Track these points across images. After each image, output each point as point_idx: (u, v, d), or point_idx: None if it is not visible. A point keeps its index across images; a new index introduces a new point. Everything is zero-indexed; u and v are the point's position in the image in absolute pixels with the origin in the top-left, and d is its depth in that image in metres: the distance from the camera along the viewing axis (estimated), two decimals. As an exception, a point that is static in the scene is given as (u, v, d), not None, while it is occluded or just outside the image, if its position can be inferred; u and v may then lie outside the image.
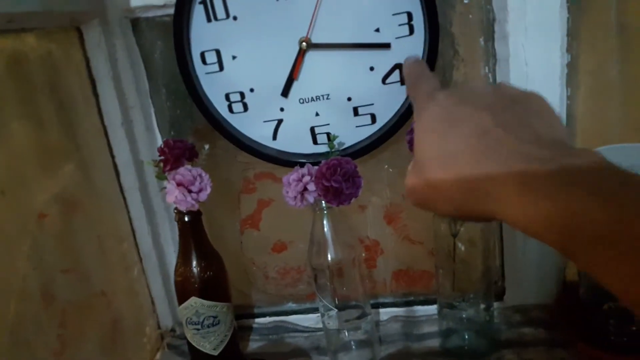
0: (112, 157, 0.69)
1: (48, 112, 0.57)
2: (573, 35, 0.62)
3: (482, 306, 0.68)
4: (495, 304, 0.74)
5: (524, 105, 0.34)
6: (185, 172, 0.62)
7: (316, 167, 0.61)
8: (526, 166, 0.28)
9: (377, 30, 0.61)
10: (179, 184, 0.61)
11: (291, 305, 0.82)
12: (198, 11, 0.63)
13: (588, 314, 0.65)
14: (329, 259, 0.65)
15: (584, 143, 0.67)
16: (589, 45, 0.63)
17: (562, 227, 0.25)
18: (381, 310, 0.78)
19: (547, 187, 0.27)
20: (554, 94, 0.63)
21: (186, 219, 0.64)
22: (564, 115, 0.65)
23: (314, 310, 0.79)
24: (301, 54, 0.63)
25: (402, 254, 0.77)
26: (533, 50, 0.62)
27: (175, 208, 0.64)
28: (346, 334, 0.69)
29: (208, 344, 0.67)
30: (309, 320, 0.79)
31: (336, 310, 0.67)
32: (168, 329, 0.78)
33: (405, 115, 0.64)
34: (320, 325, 0.73)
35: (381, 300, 0.80)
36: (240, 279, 0.80)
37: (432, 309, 0.74)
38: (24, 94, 0.53)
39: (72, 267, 0.57)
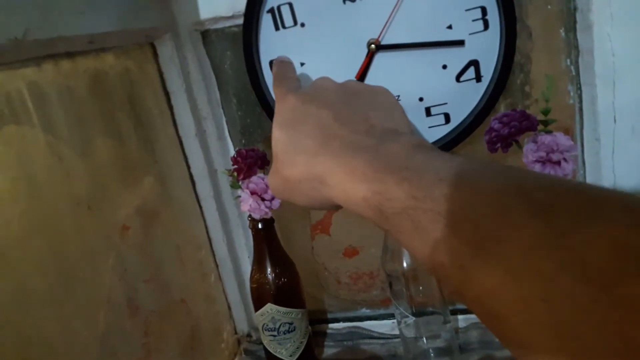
0: (188, 167, 0.70)
1: (127, 127, 0.59)
2: (666, 20, 0.57)
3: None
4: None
5: (366, 99, 0.39)
6: (258, 180, 0.62)
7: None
8: (352, 155, 0.32)
9: (450, 27, 0.59)
10: (252, 193, 0.62)
11: (365, 311, 0.81)
12: (266, 20, 0.63)
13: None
14: (404, 264, 0.63)
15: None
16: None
17: (372, 206, 0.29)
18: (460, 316, 0.75)
19: (363, 172, 0.30)
20: (646, 85, 0.58)
21: (260, 226, 0.65)
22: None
23: (389, 316, 0.77)
24: (369, 56, 0.62)
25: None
26: (620, 40, 0.57)
27: (249, 216, 0.65)
28: (424, 341, 0.67)
29: (285, 351, 0.67)
30: (384, 326, 0.77)
31: (413, 317, 0.65)
32: (244, 334, 0.80)
33: (481, 114, 0.62)
34: (396, 332, 0.71)
35: (459, 306, 0.77)
36: (313, 284, 0.80)
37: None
38: (105, 110, 0.56)
39: (153, 276, 0.59)
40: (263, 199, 0.62)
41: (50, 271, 0.44)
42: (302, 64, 0.64)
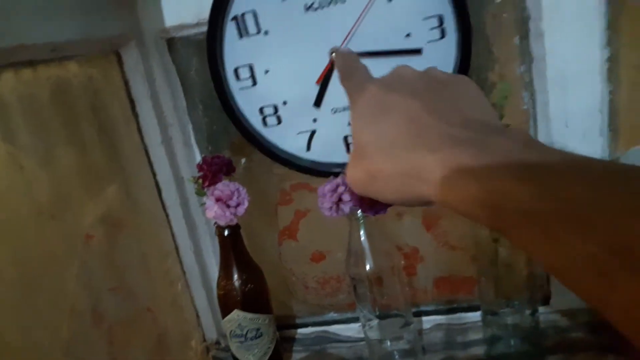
0: (154, 174, 0.71)
1: (91, 135, 0.59)
2: (613, 28, 0.60)
3: (528, 312, 0.66)
4: (542, 309, 0.72)
5: (453, 89, 0.35)
6: (223, 187, 0.63)
7: (352, 177, 0.61)
8: (452, 149, 0.29)
9: (408, 35, 0.61)
10: (217, 199, 0.62)
11: (332, 315, 0.82)
12: (230, 28, 0.64)
13: None
14: (367, 268, 0.65)
15: (629, 138, 0.64)
16: (630, 37, 0.60)
17: (488, 206, 0.26)
18: (424, 318, 0.77)
19: (471, 168, 0.28)
20: (595, 90, 0.61)
21: (226, 233, 0.66)
22: (606, 111, 0.63)
23: (356, 319, 0.78)
24: (330, 63, 0.63)
25: (442, 261, 0.76)
26: (570, 47, 0.60)
27: (215, 223, 0.65)
28: (388, 343, 0.68)
29: (252, 356, 0.67)
30: (351, 330, 0.79)
31: (377, 320, 0.67)
32: (213, 341, 0.80)
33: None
34: (362, 335, 0.73)
35: (423, 308, 0.79)
36: (281, 289, 0.81)
37: (476, 315, 0.73)
38: (68, 119, 0.56)
39: (118, 285, 0.59)
40: (228, 206, 0.63)
41: (12, 280, 0.44)
42: (266, 72, 0.65)
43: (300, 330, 0.81)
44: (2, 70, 0.47)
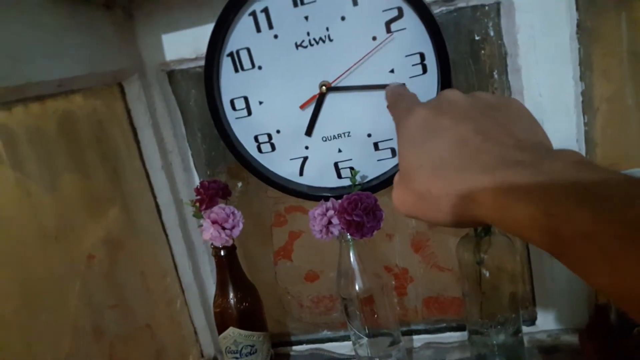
0: (154, 197, 0.75)
1: (94, 162, 0.64)
2: (585, 64, 0.63)
3: (511, 331, 0.69)
4: (528, 329, 0.75)
5: (502, 111, 0.35)
6: (219, 210, 0.66)
7: (339, 202, 0.64)
8: (507, 171, 0.29)
9: (392, 71, 0.65)
10: (213, 222, 0.66)
11: (326, 333, 0.85)
12: (226, 63, 0.68)
13: (619, 338, 0.65)
14: (357, 289, 0.68)
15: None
16: (602, 73, 0.64)
17: (544, 227, 0.26)
18: (414, 337, 0.80)
19: (527, 190, 0.27)
20: (570, 122, 0.65)
21: (222, 253, 0.69)
22: (582, 142, 0.66)
23: (349, 337, 0.81)
24: (318, 95, 0.67)
25: (431, 281, 0.79)
26: (546, 81, 0.64)
27: (212, 244, 0.69)
28: (378, 361, 0.71)
29: (246, 372, 0.70)
30: (344, 347, 0.81)
31: (366, 338, 0.70)
32: (211, 357, 0.83)
33: (424, 148, 0.67)
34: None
35: (413, 327, 0.81)
36: (276, 308, 0.84)
37: (464, 334, 0.75)
38: (73, 148, 0.60)
39: (118, 302, 0.63)
40: (224, 228, 0.66)
41: (16, 298, 0.48)
42: (260, 103, 0.70)
43: (295, 347, 0.84)
44: (12, 105, 0.52)
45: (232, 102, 0.71)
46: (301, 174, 0.73)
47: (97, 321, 0.58)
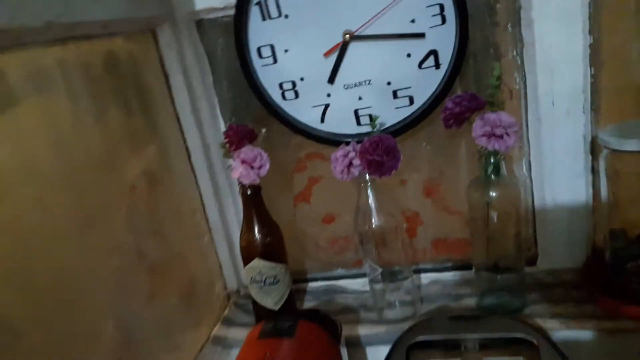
0: (184, 140, 0.80)
1: (133, 101, 0.68)
2: (594, 18, 0.67)
3: (515, 269, 0.74)
4: (529, 269, 0.81)
5: None
6: (247, 151, 0.72)
7: (360, 144, 0.69)
8: None
9: (413, 21, 0.69)
10: (242, 162, 0.71)
11: (340, 271, 0.91)
12: (254, 12, 0.72)
13: (613, 273, 0.71)
14: (373, 225, 0.74)
15: (608, 116, 0.72)
16: (610, 27, 0.68)
17: None
18: (422, 275, 0.86)
19: None
20: (578, 73, 0.69)
21: (249, 192, 0.75)
22: (588, 92, 0.70)
23: (361, 275, 0.87)
24: (340, 44, 0.71)
25: (440, 224, 0.85)
26: (556, 34, 0.68)
27: (240, 182, 0.74)
28: (390, 294, 0.77)
29: (270, 300, 0.77)
30: (357, 284, 0.88)
31: (381, 269, 0.75)
32: (234, 290, 0.89)
33: (439, 96, 0.72)
34: (367, 288, 0.82)
35: (422, 266, 0.87)
36: (295, 248, 0.90)
37: (469, 273, 0.81)
38: (116, 87, 0.65)
39: (157, 231, 0.69)
40: (252, 167, 0.72)
41: (76, 216, 0.53)
42: (286, 51, 0.74)
43: (311, 284, 0.90)
44: (66, 42, 0.56)
45: (258, 50, 0.75)
46: (322, 120, 0.78)
47: (139, 245, 0.64)
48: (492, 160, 0.68)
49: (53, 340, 0.48)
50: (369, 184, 0.72)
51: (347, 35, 0.71)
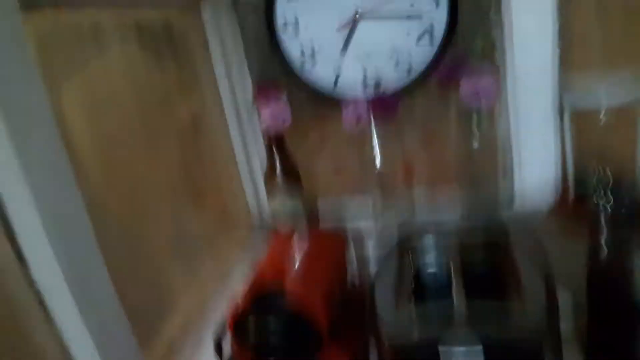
0: (219, 96, 0.96)
1: (183, 61, 0.85)
2: (561, 7, 0.83)
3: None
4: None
5: None
6: (274, 105, 0.88)
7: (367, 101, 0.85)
8: None
9: (412, 5, 0.85)
10: (270, 113, 0.87)
11: (348, 215, 1.07)
12: (282, -9, 0.88)
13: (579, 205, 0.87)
14: (378, 166, 0.90)
15: (571, 84, 0.87)
16: (573, 13, 0.84)
17: None
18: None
19: None
20: (547, 50, 0.84)
21: (274, 138, 0.90)
22: (556, 65, 0.86)
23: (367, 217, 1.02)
24: (353, 20, 0.87)
25: (434, 170, 1.00)
26: (530, 19, 0.83)
27: (266, 131, 0.90)
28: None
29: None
30: (363, 225, 1.03)
31: (384, 204, 0.91)
32: (256, 225, 1.06)
33: (433, 67, 0.88)
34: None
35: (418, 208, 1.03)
36: (310, 193, 1.05)
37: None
38: (171, 46, 0.81)
39: (201, 162, 0.86)
40: (277, 118, 0.88)
41: (145, 137, 0.70)
42: (306, 25, 0.90)
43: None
44: (138, 6, 0.72)
45: (284, 25, 0.91)
46: (335, 85, 0.94)
47: (189, 169, 0.81)
48: (475, 115, 0.84)
49: (131, 225, 0.65)
50: (374, 131, 0.88)
51: (358, 14, 0.87)
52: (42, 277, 0.47)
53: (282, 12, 0.90)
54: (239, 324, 0.63)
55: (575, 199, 0.87)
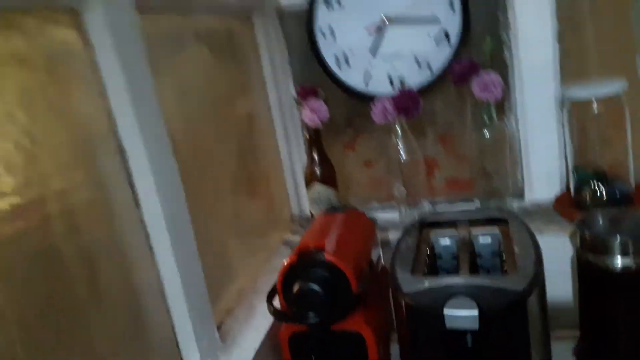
0: (267, 95, 1.11)
1: (239, 64, 1.00)
2: (559, 9, 0.96)
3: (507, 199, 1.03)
4: (518, 203, 1.08)
5: None
6: (313, 101, 1.02)
7: (392, 97, 0.99)
8: None
9: (432, 12, 0.99)
10: (311, 110, 1.02)
11: (375, 205, 1.20)
12: (321, 5, 1.04)
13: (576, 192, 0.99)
14: (402, 158, 1.03)
15: (570, 79, 1.00)
16: (570, 15, 0.97)
17: None
18: (437, 207, 1.15)
19: None
20: (549, 48, 0.98)
21: (313, 133, 1.05)
22: (557, 61, 0.99)
23: (391, 208, 1.16)
24: (382, 26, 1.02)
25: (451, 167, 1.14)
26: (533, 21, 0.97)
27: (306, 125, 1.05)
28: (414, 210, 1.06)
29: (326, 209, 1.07)
30: (387, 216, 1.16)
31: (405, 191, 1.05)
32: (296, 215, 1.20)
33: (449, 67, 1.02)
34: (396, 219, 1.10)
35: (437, 199, 1.16)
36: (342, 185, 1.20)
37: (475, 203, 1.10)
38: (230, 50, 0.97)
39: (252, 155, 1.01)
40: (317, 114, 1.03)
41: (213, 127, 0.85)
42: (341, 31, 1.05)
43: (354, 211, 1.20)
44: (189, 15, 0.88)
45: (322, 32, 1.06)
46: (366, 85, 1.08)
47: (244, 163, 0.96)
48: (485, 108, 0.97)
49: (203, 199, 0.80)
50: (398, 126, 1.02)
51: (385, 22, 1.01)
52: (150, 219, 0.63)
53: (322, 21, 1.05)
54: (286, 277, 0.75)
55: (575, 191, 0.99)
